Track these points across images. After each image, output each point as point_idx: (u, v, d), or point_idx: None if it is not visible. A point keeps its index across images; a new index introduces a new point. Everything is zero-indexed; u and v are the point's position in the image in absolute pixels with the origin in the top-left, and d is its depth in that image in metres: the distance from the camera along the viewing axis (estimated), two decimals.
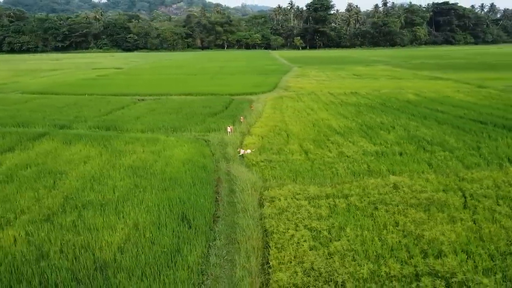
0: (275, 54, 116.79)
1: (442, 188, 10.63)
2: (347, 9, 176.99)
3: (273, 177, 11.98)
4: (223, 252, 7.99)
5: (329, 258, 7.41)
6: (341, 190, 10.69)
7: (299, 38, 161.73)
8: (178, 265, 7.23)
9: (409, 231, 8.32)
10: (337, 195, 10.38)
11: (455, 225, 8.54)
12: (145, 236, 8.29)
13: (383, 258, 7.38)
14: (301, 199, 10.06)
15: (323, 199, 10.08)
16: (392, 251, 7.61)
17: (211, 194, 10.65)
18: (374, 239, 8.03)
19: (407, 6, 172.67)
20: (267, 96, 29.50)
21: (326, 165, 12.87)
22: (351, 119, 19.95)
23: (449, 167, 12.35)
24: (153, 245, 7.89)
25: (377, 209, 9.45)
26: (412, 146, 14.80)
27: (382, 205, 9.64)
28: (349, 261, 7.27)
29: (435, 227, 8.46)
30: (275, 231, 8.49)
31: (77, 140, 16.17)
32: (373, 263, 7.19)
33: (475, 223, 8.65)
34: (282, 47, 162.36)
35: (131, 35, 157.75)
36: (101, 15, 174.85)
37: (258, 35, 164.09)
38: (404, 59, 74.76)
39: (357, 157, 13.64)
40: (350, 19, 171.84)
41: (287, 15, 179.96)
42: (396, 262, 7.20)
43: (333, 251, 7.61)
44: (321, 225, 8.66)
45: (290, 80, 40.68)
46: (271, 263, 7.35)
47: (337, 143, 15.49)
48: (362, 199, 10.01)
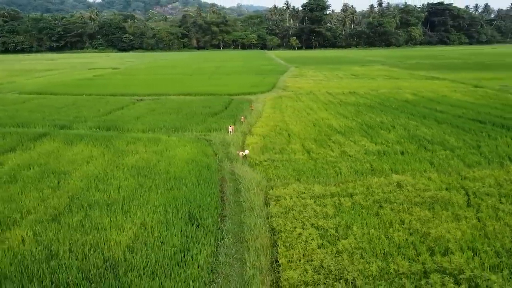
0: (271, 54, 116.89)
1: (445, 186, 10.76)
2: (343, 9, 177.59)
3: (277, 176, 12.04)
4: (232, 250, 8.04)
5: (337, 256, 7.49)
6: (345, 189, 10.79)
7: (295, 38, 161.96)
8: (188, 264, 7.28)
9: (415, 229, 8.43)
10: (342, 194, 10.47)
11: (460, 223, 8.66)
12: (154, 235, 8.32)
13: (391, 255, 7.47)
14: (306, 198, 10.13)
15: (328, 198, 10.17)
16: (399, 248, 7.71)
17: (216, 193, 10.69)
18: (381, 237, 8.12)
19: (402, 6, 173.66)
20: (266, 96, 29.56)
21: (329, 164, 12.96)
22: (351, 119, 20.06)
23: (451, 166, 12.48)
24: (162, 244, 7.93)
25: (382, 208, 9.55)
26: (413, 145, 14.93)
27: (386, 204, 9.74)
28: (357, 258, 7.35)
29: (440, 225, 8.58)
30: (283, 229, 8.55)
31: (78, 140, 16.15)
32: (381, 261, 7.29)
33: (479, 221, 8.78)
34: (278, 47, 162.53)
35: (127, 35, 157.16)
36: (96, 15, 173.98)
37: (254, 35, 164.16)
38: (400, 59, 75.18)
39: (359, 156, 13.74)
40: (345, 19, 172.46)
41: (283, 15, 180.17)
42: (404, 259, 7.30)
43: (341, 249, 7.69)
44: (327, 223, 8.74)
45: (287, 80, 40.75)
46: (280, 261, 7.42)
47: (338, 142, 15.59)
48: (366, 198, 10.11)
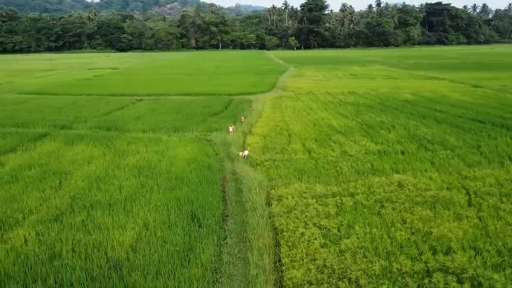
0: (270, 54, 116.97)
1: (446, 186, 10.80)
2: (341, 10, 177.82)
3: (279, 176, 12.06)
4: (235, 250, 8.06)
5: (340, 255, 7.52)
6: (346, 188, 10.82)
7: (293, 38, 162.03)
8: (192, 263, 7.29)
9: (417, 228, 8.46)
10: (343, 193, 10.50)
11: (462, 222, 8.70)
12: (156, 235, 8.33)
13: (394, 255, 7.50)
14: (308, 198, 10.15)
15: (330, 198, 10.19)
16: (401, 248, 7.74)
17: (218, 193, 10.71)
18: (383, 236, 8.15)
19: (401, 6, 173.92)
20: (265, 96, 29.58)
21: (330, 164, 12.99)
22: (351, 119, 20.10)
23: (452, 165, 12.53)
24: (165, 244, 7.94)
25: (383, 207, 9.58)
26: (413, 145, 14.97)
27: (388, 203, 9.77)
28: (360, 258, 7.38)
29: (442, 224, 8.61)
30: (285, 229, 8.57)
31: (79, 140, 16.13)
32: (384, 260, 7.31)
33: (481, 220, 8.82)
34: (276, 47, 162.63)
35: (125, 35, 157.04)
36: (95, 15, 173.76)
37: (252, 35, 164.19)
38: (398, 59, 75.33)
39: (360, 156, 13.77)
40: (344, 19, 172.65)
41: (282, 15, 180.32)
42: (406, 258, 7.33)
43: (344, 248, 7.72)
44: (330, 223, 8.76)
45: (287, 80, 40.79)
46: (283, 261, 7.44)
47: (339, 142, 15.62)
48: (368, 197, 10.13)
